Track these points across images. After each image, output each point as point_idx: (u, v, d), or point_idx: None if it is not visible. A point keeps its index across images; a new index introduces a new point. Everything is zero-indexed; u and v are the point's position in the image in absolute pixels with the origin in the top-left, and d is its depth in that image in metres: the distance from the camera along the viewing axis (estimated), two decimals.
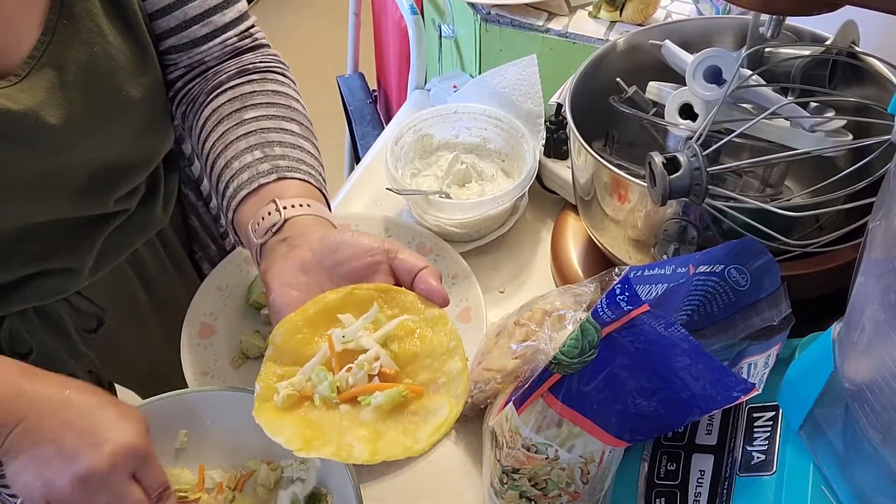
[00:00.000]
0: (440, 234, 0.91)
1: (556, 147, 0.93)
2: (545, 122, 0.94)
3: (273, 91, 0.74)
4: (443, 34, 1.18)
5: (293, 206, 0.64)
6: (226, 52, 0.75)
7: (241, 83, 0.73)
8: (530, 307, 0.70)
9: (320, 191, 0.69)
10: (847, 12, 0.61)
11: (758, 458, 0.57)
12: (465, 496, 0.73)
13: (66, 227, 0.75)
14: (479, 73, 1.07)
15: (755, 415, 0.60)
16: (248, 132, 0.69)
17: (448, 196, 0.92)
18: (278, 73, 0.76)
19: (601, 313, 0.54)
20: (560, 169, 0.93)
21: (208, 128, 0.72)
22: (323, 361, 0.58)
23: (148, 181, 0.82)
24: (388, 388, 0.55)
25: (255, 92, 0.73)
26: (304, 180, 0.68)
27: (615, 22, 1.04)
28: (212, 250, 0.98)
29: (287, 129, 0.71)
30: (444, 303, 0.60)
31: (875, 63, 0.71)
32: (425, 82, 1.20)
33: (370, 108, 1.62)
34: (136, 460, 0.56)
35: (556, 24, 1.04)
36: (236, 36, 0.75)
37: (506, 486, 0.63)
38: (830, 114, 0.70)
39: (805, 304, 0.63)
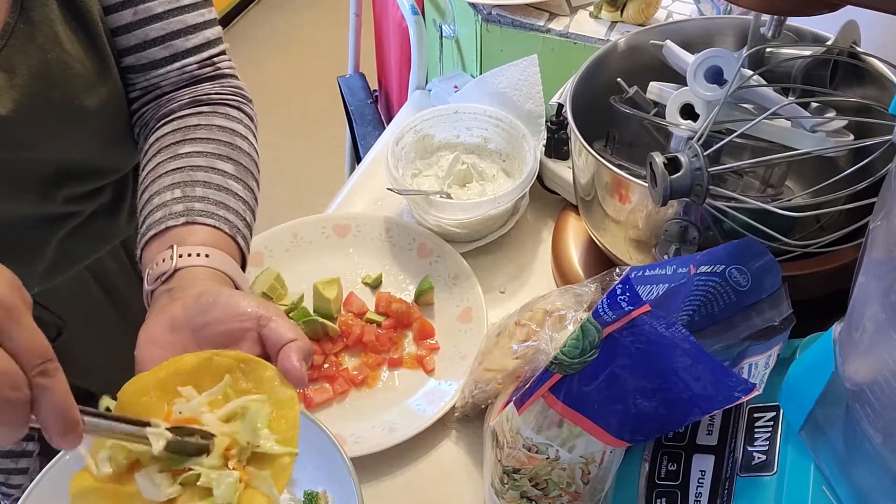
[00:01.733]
0: (441, 234, 0.91)
1: (556, 147, 0.93)
2: (546, 122, 0.94)
3: (218, 126, 0.71)
4: (444, 34, 1.18)
5: (189, 256, 0.62)
6: (183, 79, 0.73)
7: (189, 114, 0.71)
8: (531, 307, 0.70)
9: (233, 238, 0.66)
10: (848, 12, 0.61)
11: (758, 458, 0.57)
12: (465, 496, 0.73)
13: (12, 225, 0.73)
14: (480, 73, 1.07)
15: (756, 415, 0.59)
16: (176, 168, 0.67)
17: (449, 196, 0.92)
18: (232, 107, 0.74)
19: (602, 313, 0.54)
20: (561, 169, 0.93)
21: (146, 158, 0.70)
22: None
23: (114, 189, 0.81)
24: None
25: (199, 126, 0.70)
26: (214, 226, 0.65)
27: (616, 22, 1.04)
28: None
29: (218, 169, 0.68)
30: (299, 384, 0.55)
31: (876, 63, 0.71)
32: (426, 82, 1.20)
33: (371, 109, 1.62)
34: None
35: (557, 25, 1.04)
36: (196, 63, 0.73)
37: (506, 486, 0.63)
38: (831, 114, 0.69)
39: (806, 304, 0.63)
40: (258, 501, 0.51)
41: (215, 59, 0.75)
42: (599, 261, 0.83)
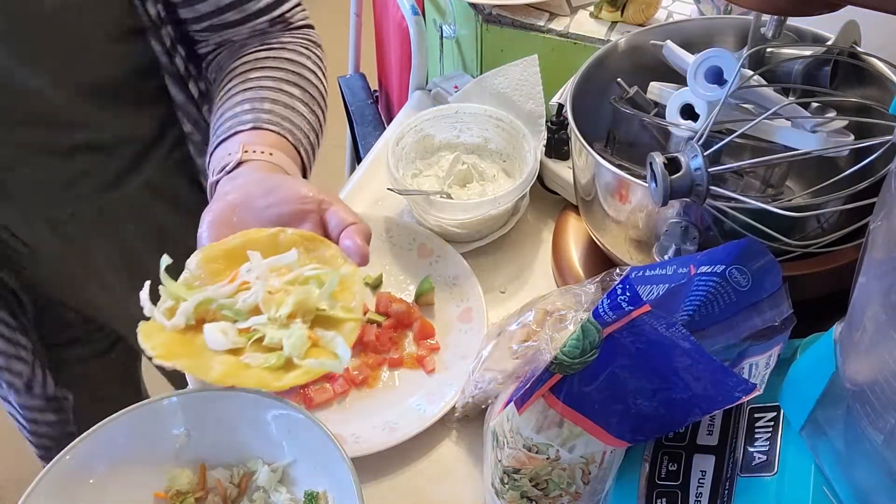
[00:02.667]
0: (441, 234, 0.91)
1: (557, 147, 0.93)
2: (546, 122, 0.94)
3: (287, 59, 0.75)
4: (444, 34, 1.18)
5: (255, 152, 0.64)
6: (255, 34, 0.77)
7: (260, 51, 0.75)
8: (531, 307, 0.70)
9: (296, 149, 0.68)
10: (848, 12, 0.61)
11: (759, 458, 0.57)
12: (465, 496, 0.73)
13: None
14: (481, 73, 1.07)
15: (756, 415, 0.59)
16: (247, 88, 0.71)
17: (449, 196, 0.92)
18: (301, 47, 0.78)
19: (602, 313, 0.54)
20: (561, 169, 0.93)
21: (219, 88, 0.74)
22: (223, 294, 0.55)
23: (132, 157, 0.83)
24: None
25: (268, 58, 0.74)
26: (279, 133, 0.67)
27: (616, 22, 1.04)
28: None
29: (286, 91, 0.71)
30: (362, 261, 0.59)
31: (877, 63, 0.71)
32: (426, 82, 1.20)
33: (371, 109, 1.62)
34: None
35: (558, 25, 1.04)
36: (267, 21, 0.77)
37: (507, 486, 0.63)
38: (832, 114, 0.69)
39: (806, 304, 0.63)
40: (326, 356, 0.54)
41: (286, 15, 0.79)
42: (600, 261, 0.83)
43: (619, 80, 0.76)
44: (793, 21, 0.73)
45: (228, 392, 0.69)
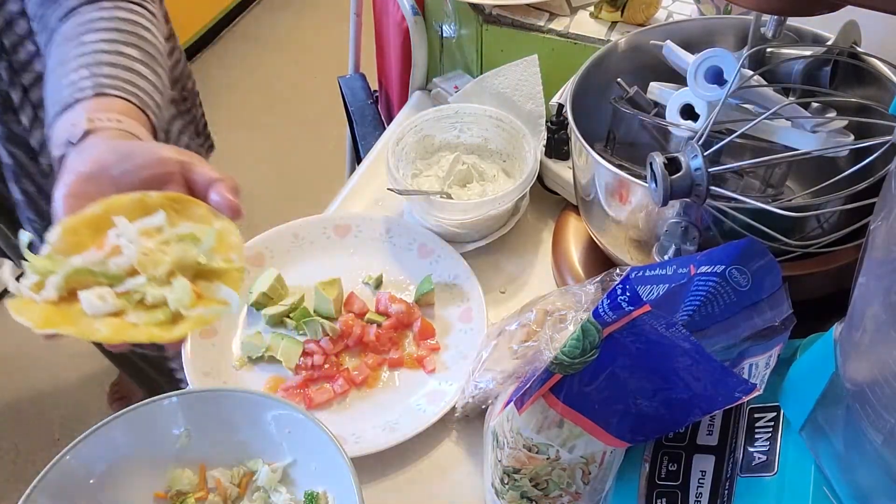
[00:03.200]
0: (441, 234, 0.91)
1: (557, 147, 0.93)
2: (546, 122, 0.94)
3: (120, 18, 0.71)
4: (444, 35, 1.18)
5: (101, 120, 0.61)
6: None
7: (90, 10, 0.71)
8: (531, 307, 0.70)
9: (144, 113, 0.66)
10: (848, 13, 0.61)
11: (759, 458, 0.57)
12: (466, 496, 0.73)
13: None
14: (481, 73, 1.07)
15: (756, 415, 0.59)
16: (82, 54, 0.67)
17: (449, 196, 0.92)
18: (134, 3, 0.74)
19: (602, 313, 0.54)
20: (561, 169, 0.93)
21: (51, 53, 0.70)
22: (94, 262, 0.54)
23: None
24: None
25: (101, 19, 0.71)
26: (124, 98, 0.64)
27: (616, 22, 1.04)
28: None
29: (124, 53, 0.68)
30: (234, 215, 0.57)
31: (876, 63, 0.71)
32: (426, 83, 1.20)
33: (371, 109, 1.62)
34: None
35: (558, 25, 1.04)
36: None
37: (507, 486, 0.63)
38: (832, 114, 0.69)
39: (806, 304, 0.63)
40: (213, 304, 0.54)
41: None
42: (600, 261, 0.83)
43: (619, 80, 0.76)
44: (793, 21, 0.73)
45: (229, 392, 0.69)
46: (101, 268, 0.54)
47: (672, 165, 0.60)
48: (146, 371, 1.52)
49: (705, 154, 0.59)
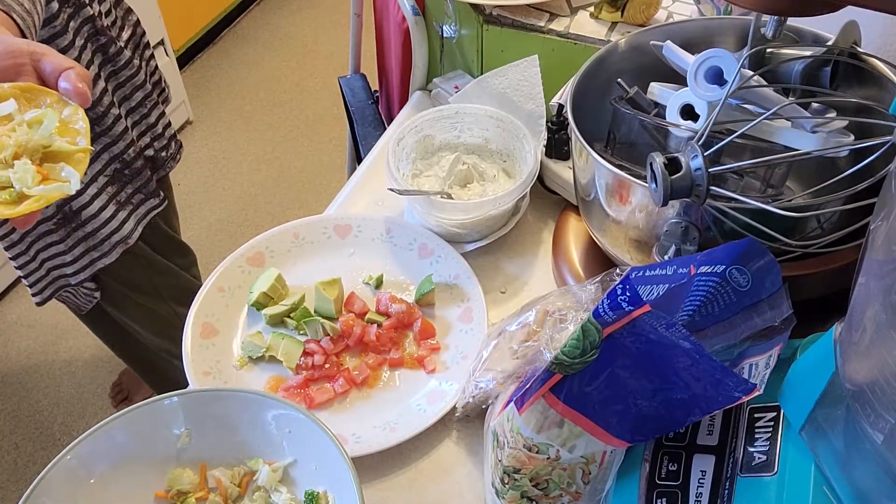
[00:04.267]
0: (442, 234, 0.91)
1: (557, 148, 0.93)
2: (546, 122, 0.94)
3: None
4: (444, 35, 1.18)
5: None
6: None
7: None
8: (531, 307, 0.70)
9: (9, 15, 0.68)
10: (849, 13, 0.61)
11: (759, 458, 0.57)
12: (466, 496, 0.73)
13: None
14: (481, 73, 1.07)
15: (756, 415, 0.60)
16: None
17: (450, 196, 0.92)
18: None
19: (602, 314, 0.54)
20: (561, 169, 0.93)
21: None
22: None
23: None
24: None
25: None
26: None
27: (617, 23, 1.04)
28: None
29: None
30: (82, 101, 0.59)
31: (877, 64, 0.71)
32: (427, 83, 1.20)
33: (372, 109, 1.62)
34: None
35: (558, 25, 1.04)
36: None
37: (507, 486, 0.63)
38: (832, 114, 0.70)
39: (806, 304, 0.63)
40: (56, 184, 0.56)
41: None
42: (600, 261, 0.83)
43: (619, 80, 0.76)
44: (793, 21, 0.73)
45: (230, 392, 0.69)
46: None
47: (672, 166, 0.60)
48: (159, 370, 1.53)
49: (705, 154, 0.59)
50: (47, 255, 1.16)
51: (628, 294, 0.53)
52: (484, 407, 0.73)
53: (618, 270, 0.67)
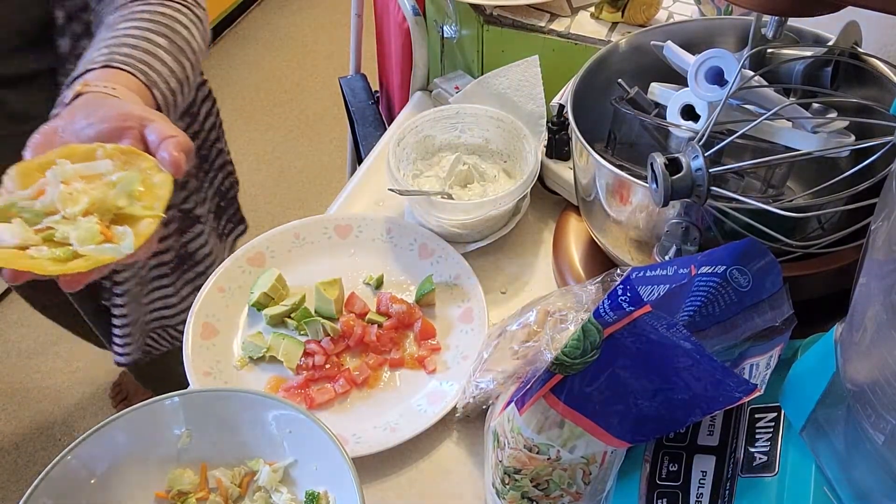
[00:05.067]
0: (442, 234, 0.91)
1: (557, 148, 0.93)
2: (547, 122, 0.94)
3: (160, 13, 0.74)
4: (445, 35, 1.18)
5: (95, 86, 0.63)
6: None
7: (137, 5, 0.74)
8: (532, 307, 0.70)
9: (149, 90, 0.68)
10: (849, 13, 0.61)
11: (760, 458, 0.57)
12: (466, 496, 0.73)
13: None
14: (481, 73, 1.07)
15: (757, 416, 0.60)
16: (111, 37, 0.70)
17: (450, 197, 0.92)
18: (180, 4, 0.76)
19: (603, 314, 0.54)
20: (562, 170, 0.93)
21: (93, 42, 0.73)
22: (21, 197, 0.57)
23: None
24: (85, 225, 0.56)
25: (143, 12, 0.73)
26: (130, 72, 0.66)
27: (617, 23, 1.04)
28: None
29: (150, 40, 0.70)
30: (176, 172, 0.59)
31: (877, 64, 0.71)
32: (427, 83, 1.20)
33: (372, 109, 1.62)
34: None
35: (559, 26, 1.04)
36: None
37: (507, 486, 0.63)
38: (833, 115, 0.70)
39: (807, 305, 0.63)
40: (110, 246, 0.56)
41: None
42: (600, 261, 0.83)
43: (619, 80, 0.76)
44: (793, 22, 0.73)
45: (230, 392, 0.69)
46: (28, 203, 0.56)
47: (673, 166, 0.60)
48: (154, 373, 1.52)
49: (706, 154, 0.59)
50: (159, 303, 1.12)
51: (629, 294, 0.53)
52: (484, 407, 0.73)
53: (618, 271, 0.67)
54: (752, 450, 0.58)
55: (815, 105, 0.71)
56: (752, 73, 0.68)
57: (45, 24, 0.82)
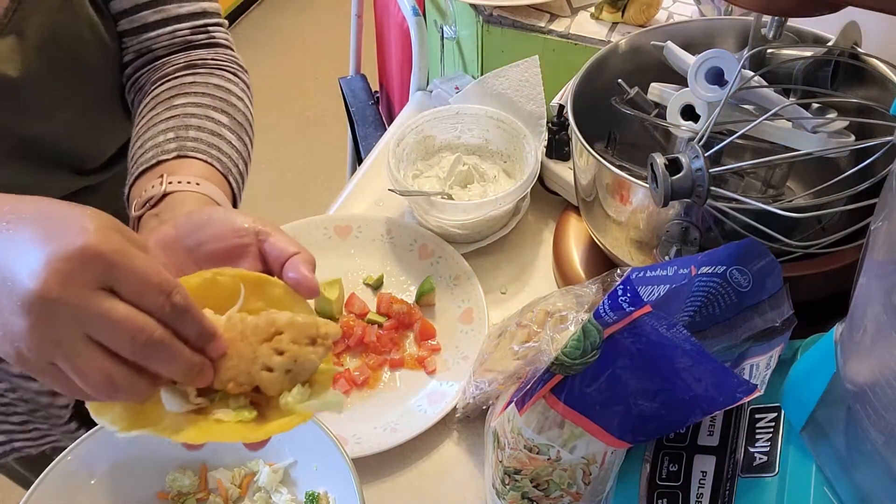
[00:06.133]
0: (442, 235, 0.91)
1: (557, 148, 0.93)
2: (547, 123, 0.94)
3: (214, 85, 0.72)
4: (445, 35, 1.18)
5: (179, 182, 0.61)
6: (175, 43, 0.74)
7: (185, 75, 0.72)
8: (532, 308, 0.70)
9: (225, 178, 0.65)
10: (849, 13, 0.61)
11: (760, 459, 0.57)
12: (466, 497, 0.73)
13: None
14: (481, 74, 1.07)
15: (757, 416, 0.59)
16: (171, 117, 0.68)
17: (450, 197, 0.92)
18: (228, 71, 0.75)
19: (603, 314, 0.54)
20: (562, 170, 0.93)
21: (141, 114, 0.71)
22: None
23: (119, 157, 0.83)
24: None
25: (195, 83, 0.71)
26: (206, 161, 0.64)
27: (617, 23, 1.04)
28: None
29: (212, 118, 0.69)
30: (311, 294, 0.55)
31: (877, 64, 0.71)
32: (427, 83, 1.21)
33: (372, 110, 1.62)
34: (96, 267, 0.40)
35: (558, 26, 1.04)
36: (189, 29, 0.74)
37: (508, 486, 0.63)
38: (832, 115, 0.69)
39: (807, 305, 0.63)
40: (327, 400, 0.51)
41: (210, 28, 0.75)
42: (600, 261, 0.83)
43: (619, 80, 0.76)
44: (793, 22, 0.73)
45: None
46: None
47: (673, 166, 0.60)
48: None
49: (706, 155, 0.59)
50: None
51: (629, 295, 0.53)
52: (484, 408, 0.73)
53: (618, 271, 0.67)
54: (753, 450, 0.58)
55: (815, 105, 0.71)
56: (751, 74, 0.68)
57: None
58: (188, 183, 0.61)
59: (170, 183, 0.60)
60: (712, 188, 0.60)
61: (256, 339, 0.50)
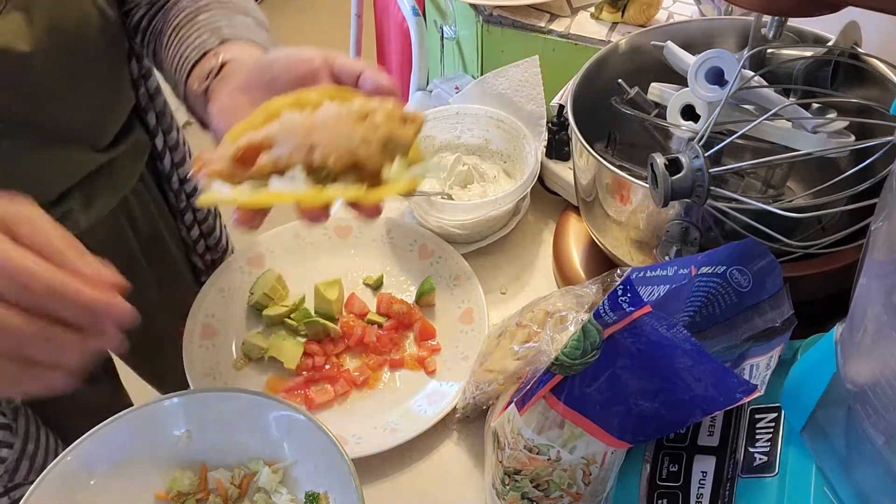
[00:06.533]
0: (442, 235, 0.91)
1: (557, 148, 0.93)
2: (547, 123, 0.94)
3: (231, 2, 0.74)
4: (445, 35, 1.18)
5: (233, 52, 0.64)
6: None
7: (199, 1, 0.74)
8: (532, 308, 0.70)
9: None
10: (849, 13, 0.61)
11: (760, 459, 0.57)
12: (466, 497, 0.73)
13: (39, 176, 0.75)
14: (481, 74, 1.07)
15: (757, 416, 0.59)
16: (199, 26, 0.70)
17: (450, 197, 0.92)
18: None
19: (603, 314, 0.54)
20: (562, 170, 0.93)
21: (165, 33, 0.73)
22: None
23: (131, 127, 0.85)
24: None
25: (209, 3, 0.73)
26: (249, 39, 0.67)
27: (617, 23, 1.04)
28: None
29: (238, 20, 0.71)
30: (393, 92, 0.58)
31: (877, 64, 0.71)
32: (427, 83, 1.21)
33: None
34: None
35: (558, 26, 1.04)
36: None
37: (507, 487, 0.63)
38: (832, 115, 0.70)
39: (807, 305, 0.63)
40: (419, 168, 0.55)
41: None
42: (600, 262, 0.83)
43: (619, 80, 0.76)
44: (793, 22, 0.73)
45: (230, 393, 0.69)
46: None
47: (673, 166, 0.60)
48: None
49: (706, 155, 0.59)
50: None
51: (629, 295, 0.53)
52: (484, 408, 0.73)
53: (618, 271, 0.67)
54: (753, 450, 0.58)
55: (815, 105, 0.71)
56: (752, 74, 0.68)
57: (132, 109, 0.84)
58: (241, 51, 0.64)
59: (225, 54, 0.63)
60: (712, 188, 0.60)
61: (353, 120, 0.53)
